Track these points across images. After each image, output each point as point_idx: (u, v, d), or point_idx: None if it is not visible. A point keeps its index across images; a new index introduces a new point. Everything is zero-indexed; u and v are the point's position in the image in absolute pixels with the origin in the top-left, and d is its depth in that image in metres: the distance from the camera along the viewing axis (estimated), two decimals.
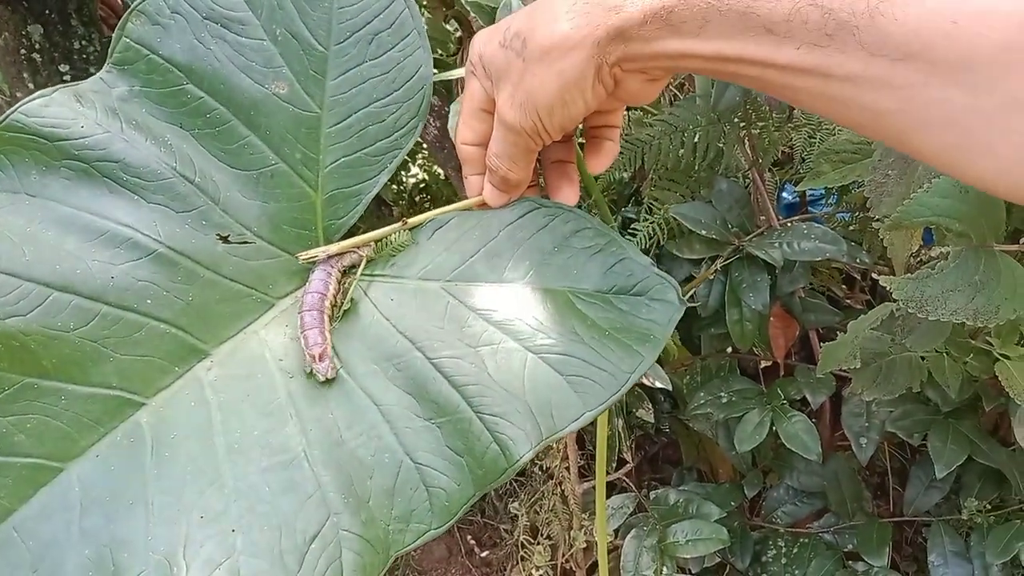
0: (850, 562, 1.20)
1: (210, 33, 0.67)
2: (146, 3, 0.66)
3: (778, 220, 1.23)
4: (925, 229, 0.96)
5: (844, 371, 1.00)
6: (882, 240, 0.95)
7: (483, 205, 0.69)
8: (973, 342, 1.00)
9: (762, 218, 1.26)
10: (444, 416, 0.61)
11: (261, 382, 0.63)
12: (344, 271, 0.68)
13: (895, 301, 0.87)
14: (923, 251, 0.94)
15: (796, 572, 1.19)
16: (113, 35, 0.66)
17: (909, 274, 0.81)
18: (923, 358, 1.02)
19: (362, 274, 0.69)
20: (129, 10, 0.66)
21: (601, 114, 0.54)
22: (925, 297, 0.79)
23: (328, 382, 0.63)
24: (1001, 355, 0.95)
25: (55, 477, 0.57)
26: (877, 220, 0.91)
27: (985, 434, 1.08)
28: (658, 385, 1.09)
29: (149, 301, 0.62)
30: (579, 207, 0.75)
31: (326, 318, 0.63)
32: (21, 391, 0.57)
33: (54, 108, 0.64)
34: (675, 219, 1.19)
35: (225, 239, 0.66)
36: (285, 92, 0.68)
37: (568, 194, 0.56)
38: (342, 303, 0.66)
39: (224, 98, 0.67)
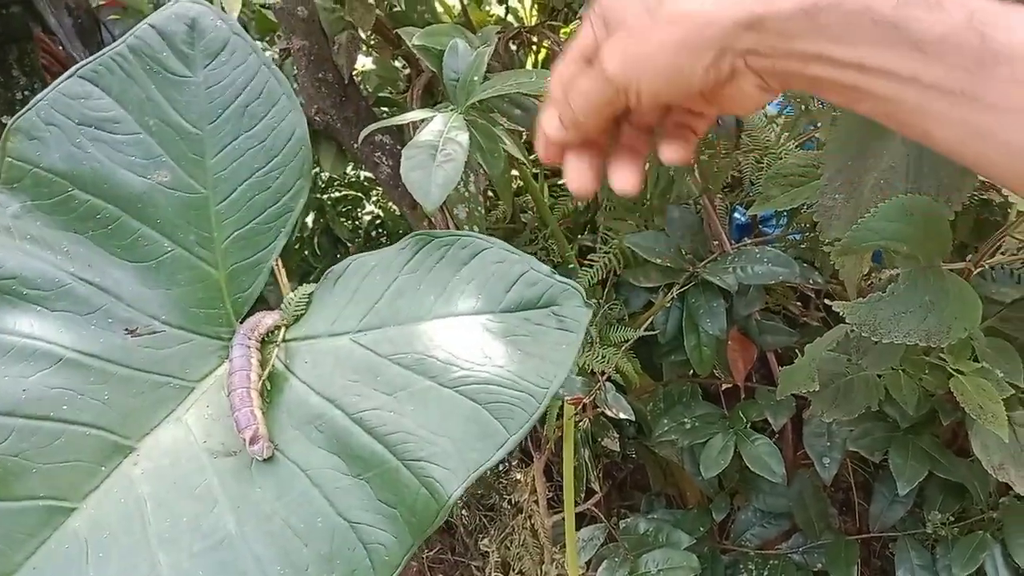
0: None
1: (86, 137, 0.68)
2: (20, 121, 0.67)
3: (731, 244, 1.24)
4: (875, 251, 0.98)
5: (804, 393, 1.01)
6: (832, 262, 0.97)
7: None
8: (927, 359, 1.01)
9: (715, 243, 1.28)
10: (371, 470, 0.60)
11: (188, 467, 0.62)
12: (261, 341, 0.68)
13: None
14: (874, 273, 0.96)
15: None
16: None
17: (861, 298, 0.82)
18: (880, 376, 1.03)
19: (275, 343, 0.69)
20: (5, 130, 0.67)
21: (687, 114, 0.51)
22: (878, 320, 0.80)
23: (261, 460, 0.62)
24: (955, 371, 0.96)
25: None
26: (827, 244, 0.92)
27: (944, 448, 1.09)
28: (622, 416, 1.09)
29: (65, 407, 0.62)
30: (535, 237, 0.76)
31: (255, 395, 0.63)
32: None
33: None
34: (630, 248, 1.20)
35: (134, 333, 0.66)
36: (168, 179, 0.69)
37: (626, 179, 0.50)
38: (264, 377, 0.66)
39: (110, 196, 0.68)
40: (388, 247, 0.72)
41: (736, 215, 1.59)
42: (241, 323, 0.69)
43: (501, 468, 1.80)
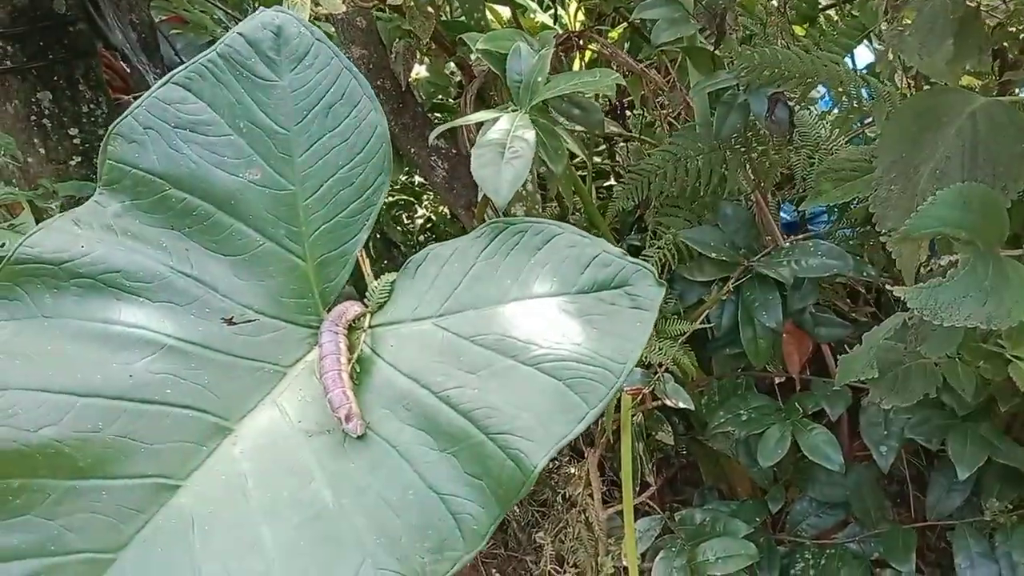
0: (877, 570, 1.22)
1: (181, 139, 0.73)
2: (120, 126, 0.72)
3: (783, 239, 1.26)
4: (931, 240, 1.00)
5: (860, 382, 1.03)
6: (887, 252, 0.98)
7: None
8: (985, 346, 1.03)
9: (767, 238, 1.30)
10: (458, 444, 0.64)
11: (284, 446, 0.66)
12: (348, 328, 0.72)
13: (906, 311, 0.90)
14: (932, 261, 0.97)
15: None
16: (98, 161, 0.72)
17: (921, 284, 0.84)
18: (937, 364, 1.05)
19: (362, 328, 0.73)
20: (107, 135, 0.72)
21: None
22: (939, 304, 0.82)
23: (355, 437, 0.65)
24: (1014, 356, 0.97)
25: (109, 568, 0.60)
26: (884, 234, 0.94)
27: (1003, 435, 1.10)
28: (681, 405, 1.12)
29: (169, 391, 0.66)
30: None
31: (345, 377, 0.67)
32: (65, 495, 0.60)
33: (55, 235, 0.70)
34: (683, 243, 1.23)
35: (230, 321, 0.71)
36: (259, 177, 0.74)
37: None
38: (353, 360, 0.69)
39: (205, 194, 0.73)
40: (463, 236, 0.75)
41: (783, 214, 1.61)
42: (329, 311, 0.73)
43: (553, 464, 1.83)
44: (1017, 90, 1.07)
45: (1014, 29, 0.99)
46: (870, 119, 1.25)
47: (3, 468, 0.60)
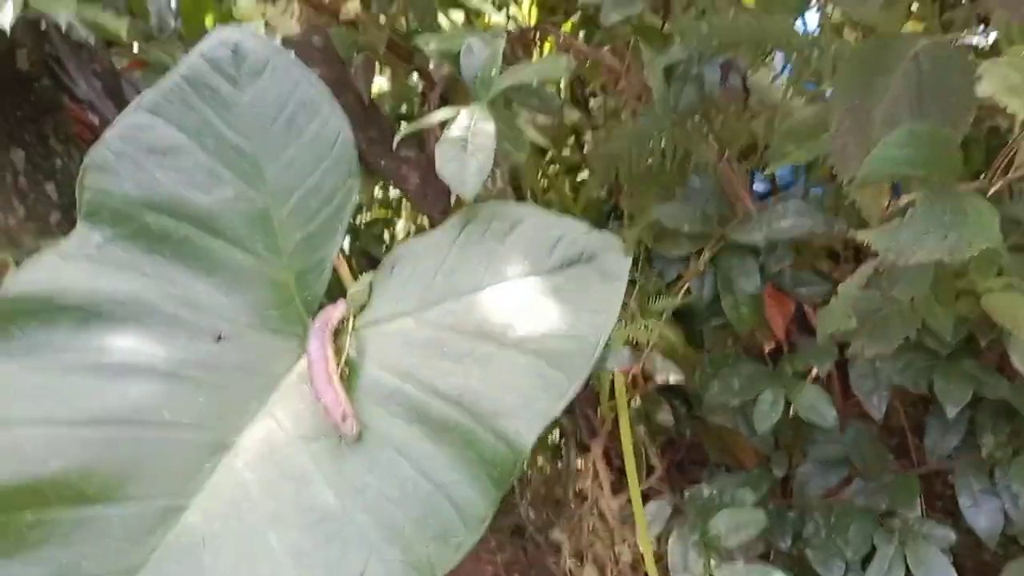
0: (886, 519, 1.23)
1: (154, 165, 0.75)
2: (94, 156, 0.75)
3: (754, 204, 1.28)
4: (893, 184, 1.02)
5: (842, 332, 1.04)
6: (855, 205, 1.01)
7: None
8: (957, 284, 1.04)
9: (739, 206, 1.32)
10: (450, 432, 0.65)
11: (284, 454, 0.68)
12: (334, 334, 0.74)
13: (876, 256, 0.92)
14: (893, 204, 0.99)
15: (839, 541, 1.21)
16: (76, 194, 0.73)
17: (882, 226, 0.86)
18: (914, 308, 1.07)
19: (346, 331, 0.74)
20: (82, 167, 0.74)
21: None
22: (901, 244, 0.84)
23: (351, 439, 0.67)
24: (986, 290, 0.99)
25: None
26: (847, 183, 0.96)
27: (988, 369, 1.12)
28: (671, 379, 1.13)
29: (167, 413, 0.68)
30: None
31: (336, 381, 0.68)
32: (77, 523, 0.62)
33: (42, 271, 0.72)
34: (658, 221, 1.25)
35: (219, 339, 0.73)
36: (232, 195, 0.76)
37: None
38: (341, 364, 0.71)
39: (182, 216, 0.75)
40: (434, 229, 0.77)
41: (756, 185, 1.63)
42: (313, 319, 0.75)
43: (562, 463, 1.84)
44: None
45: None
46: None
47: (16, 502, 0.62)
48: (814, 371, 1.28)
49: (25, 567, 0.60)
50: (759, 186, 1.63)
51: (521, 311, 0.69)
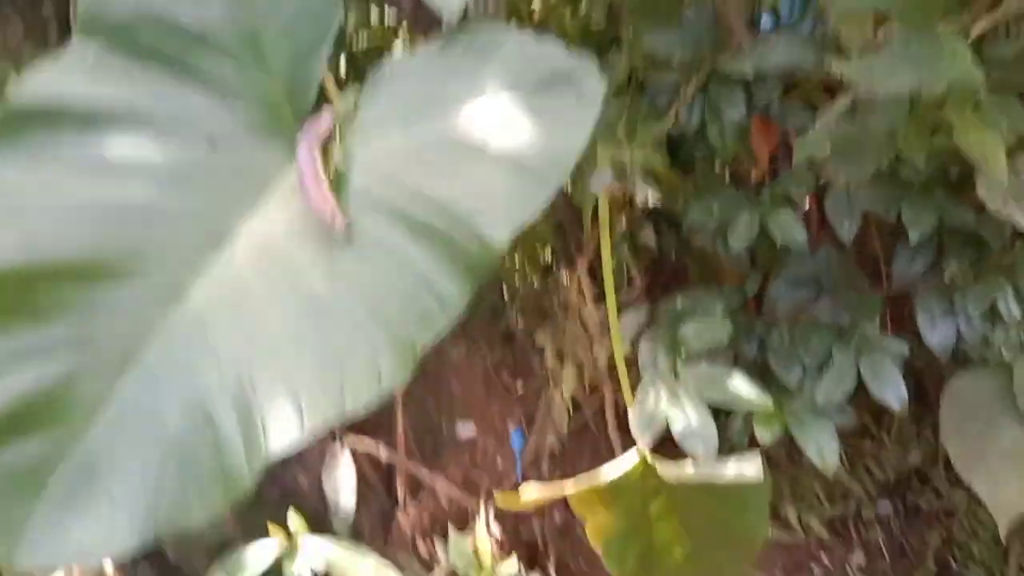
0: (846, 333, 1.33)
1: None
2: None
3: (748, 37, 1.29)
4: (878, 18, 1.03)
5: (819, 158, 1.09)
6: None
7: None
8: (935, 118, 1.08)
9: (735, 39, 1.32)
10: (432, 231, 0.72)
11: (279, 248, 0.75)
12: (323, 144, 0.79)
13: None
14: (875, 37, 1.01)
15: (799, 351, 1.32)
16: (71, 11, 0.76)
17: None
18: (890, 139, 1.11)
19: (334, 143, 0.79)
20: None
21: None
22: (875, 75, 0.87)
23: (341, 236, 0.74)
24: (959, 124, 1.03)
25: (138, 356, 0.70)
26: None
27: (955, 199, 1.17)
28: (651, 201, 1.19)
29: (168, 207, 0.75)
30: None
31: (325, 183, 0.74)
32: (91, 299, 0.70)
33: (43, 83, 0.76)
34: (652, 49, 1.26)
35: (214, 144, 0.77)
36: (222, 9, 0.78)
37: None
38: (330, 170, 0.77)
39: (173, 32, 0.78)
40: (419, 48, 0.81)
41: (764, 21, 1.61)
42: (302, 129, 0.80)
43: (551, 278, 1.95)
44: None
45: None
46: None
47: (32, 282, 0.70)
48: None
49: (43, 337, 0.69)
50: (766, 22, 1.61)
51: (500, 126, 0.74)
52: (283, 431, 0.71)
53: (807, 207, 1.39)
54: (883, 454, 1.93)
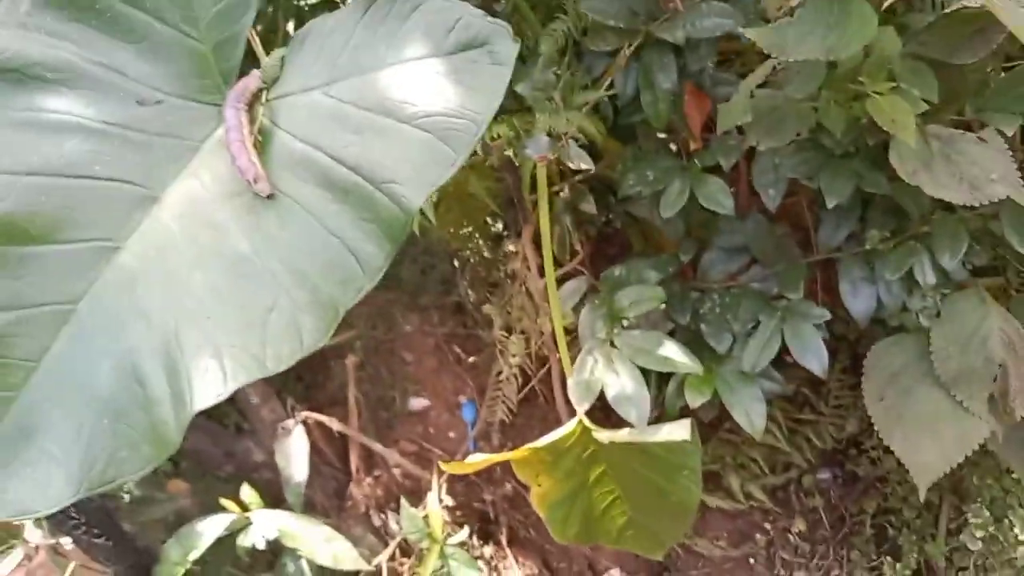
0: (775, 301, 1.38)
1: None
2: None
3: (682, 4, 1.32)
4: None
5: (742, 125, 1.12)
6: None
7: None
8: (852, 87, 1.12)
9: (670, 5, 1.35)
10: (351, 196, 0.76)
11: (205, 209, 0.77)
12: (249, 104, 0.80)
13: None
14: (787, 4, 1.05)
15: (728, 317, 1.36)
16: None
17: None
18: (816, 109, 1.15)
19: (260, 102, 0.81)
20: None
21: None
22: (786, 41, 0.91)
23: (264, 197, 0.76)
24: (874, 92, 1.07)
25: (71, 316, 0.73)
26: None
27: (872, 167, 1.21)
28: (582, 166, 1.22)
29: (98, 167, 0.76)
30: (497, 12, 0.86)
31: (250, 146, 0.77)
32: (24, 259, 0.72)
33: None
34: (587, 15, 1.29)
35: (142, 103, 0.79)
36: None
37: None
38: (255, 131, 0.79)
39: None
40: (342, 8, 0.83)
41: None
42: (229, 89, 0.81)
43: (499, 248, 1.97)
44: None
45: None
46: None
47: None
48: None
49: None
50: None
51: (418, 89, 0.77)
52: (208, 389, 0.74)
53: (742, 177, 1.43)
54: (821, 424, 1.99)
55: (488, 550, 2.00)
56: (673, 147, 1.49)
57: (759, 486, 2.06)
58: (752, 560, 2.06)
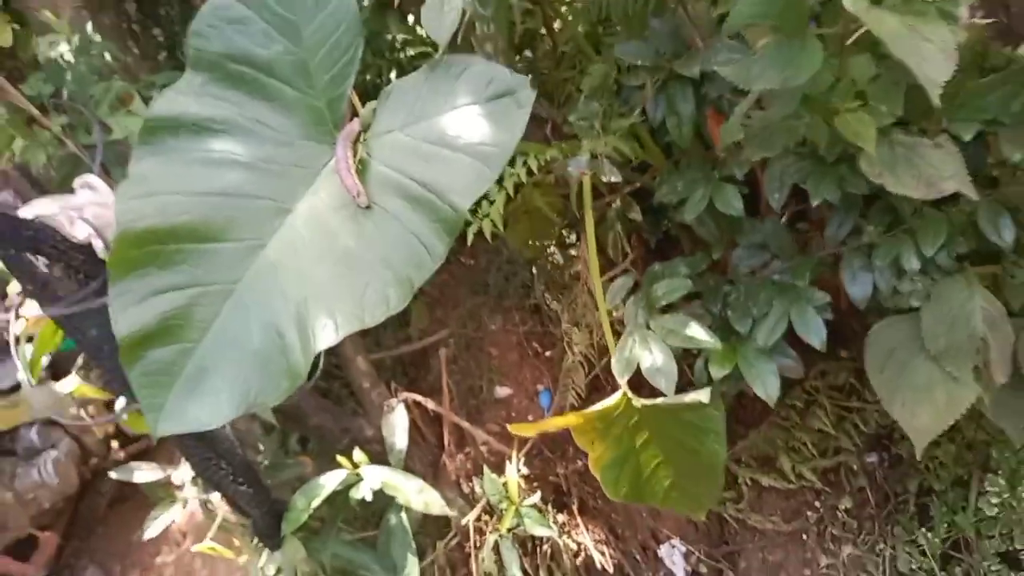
0: (787, 289, 1.62)
1: (233, 31, 1.14)
2: (193, 27, 1.15)
3: (702, 42, 1.59)
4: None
5: (739, 139, 1.39)
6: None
7: None
8: (828, 106, 1.36)
9: (693, 43, 1.63)
10: (422, 205, 1.07)
11: (323, 218, 1.11)
12: (352, 142, 1.13)
13: None
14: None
15: (749, 304, 1.61)
16: (185, 51, 1.12)
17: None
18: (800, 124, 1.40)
19: (360, 141, 1.14)
20: (188, 35, 1.14)
21: None
22: (750, 75, 1.17)
23: (363, 208, 1.08)
24: (845, 110, 1.32)
25: (233, 291, 1.06)
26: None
27: (854, 172, 1.43)
28: (614, 179, 1.51)
29: (250, 189, 1.11)
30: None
31: (353, 172, 1.09)
32: (201, 253, 1.07)
33: (168, 102, 1.14)
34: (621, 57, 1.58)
35: (280, 144, 1.14)
36: (281, 49, 1.14)
37: None
38: (357, 161, 1.12)
39: (252, 65, 1.15)
40: (415, 72, 1.15)
41: None
42: (338, 132, 1.15)
43: (569, 252, 2.27)
44: None
45: None
46: None
47: (164, 240, 1.07)
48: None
49: (172, 276, 1.06)
50: None
51: (465, 127, 1.08)
52: (325, 338, 1.06)
53: (761, 185, 1.68)
54: (867, 411, 2.17)
55: (561, 517, 2.28)
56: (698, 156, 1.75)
57: (810, 468, 2.25)
58: (804, 536, 2.25)
